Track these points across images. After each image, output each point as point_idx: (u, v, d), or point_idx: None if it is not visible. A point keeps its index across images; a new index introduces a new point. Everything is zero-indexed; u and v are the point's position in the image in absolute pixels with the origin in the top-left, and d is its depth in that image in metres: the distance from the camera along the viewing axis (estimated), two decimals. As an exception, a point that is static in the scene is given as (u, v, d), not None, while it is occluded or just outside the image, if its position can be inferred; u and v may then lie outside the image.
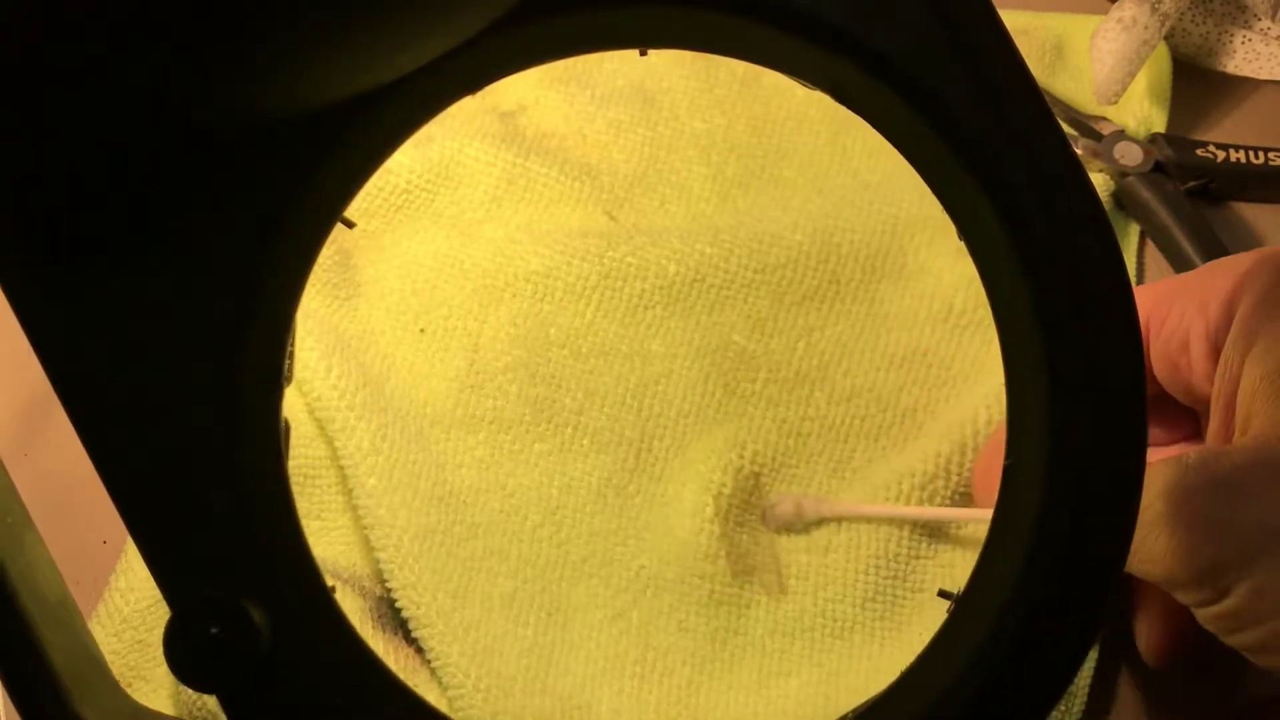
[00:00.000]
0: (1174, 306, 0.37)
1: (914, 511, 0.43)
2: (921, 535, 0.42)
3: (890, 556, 0.42)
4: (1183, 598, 0.33)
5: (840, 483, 0.45)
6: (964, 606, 0.28)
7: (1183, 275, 0.39)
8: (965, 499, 0.43)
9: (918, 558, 0.43)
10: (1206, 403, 0.37)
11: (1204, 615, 0.33)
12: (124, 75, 0.23)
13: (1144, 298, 0.38)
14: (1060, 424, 0.26)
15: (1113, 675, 0.41)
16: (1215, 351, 0.36)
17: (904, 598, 0.42)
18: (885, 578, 0.42)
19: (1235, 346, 0.35)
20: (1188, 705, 0.41)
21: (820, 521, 0.43)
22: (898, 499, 0.43)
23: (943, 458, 0.43)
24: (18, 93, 0.23)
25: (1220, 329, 0.36)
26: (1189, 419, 0.40)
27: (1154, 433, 0.41)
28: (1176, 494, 0.32)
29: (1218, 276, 0.37)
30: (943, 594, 0.31)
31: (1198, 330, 0.36)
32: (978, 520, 0.42)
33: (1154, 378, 0.39)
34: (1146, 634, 0.39)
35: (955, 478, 0.43)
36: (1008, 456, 0.28)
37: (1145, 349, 0.38)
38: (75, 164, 0.25)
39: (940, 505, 0.43)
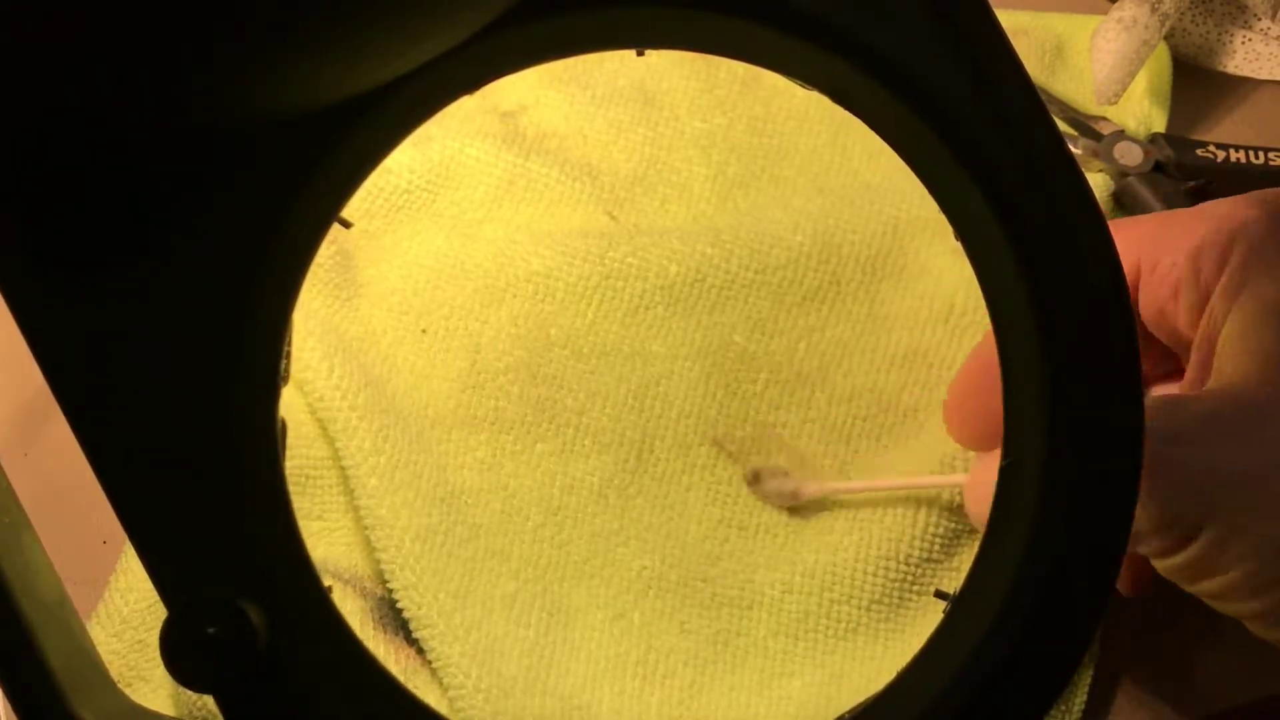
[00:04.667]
0: (1166, 250, 0.37)
1: (899, 482, 0.43)
2: (936, 538, 0.42)
3: (902, 559, 0.42)
4: (1143, 549, 0.33)
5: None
6: (961, 607, 0.28)
7: (1177, 212, 0.38)
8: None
9: (929, 560, 0.42)
10: (1190, 349, 0.37)
11: (1164, 566, 0.33)
12: (123, 76, 0.23)
13: (1134, 236, 0.37)
14: (1057, 423, 0.26)
15: (1113, 675, 0.41)
16: (1204, 300, 0.36)
17: (910, 600, 0.42)
18: (894, 580, 0.42)
19: (1223, 295, 0.35)
20: (1187, 706, 0.41)
21: (809, 503, 0.44)
22: (905, 497, 0.43)
23: (946, 457, 0.43)
24: (17, 93, 0.23)
25: (1211, 278, 0.35)
26: (1170, 358, 0.40)
27: None
28: (1145, 439, 0.32)
29: (1213, 219, 0.36)
30: (939, 594, 0.31)
31: (1188, 277, 0.36)
32: (958, 484, 0.42)
33: (1140, 319, 0.38)
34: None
35: (959, 476, 0.43)
36: (1005, 456, 0.28)
37: (1134, 290, 0.37)
38: (73, 165, 0.25)
39: (945, 505, 0.43)
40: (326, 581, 0.28)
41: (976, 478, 0.41)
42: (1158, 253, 0.37)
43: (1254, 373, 0.33)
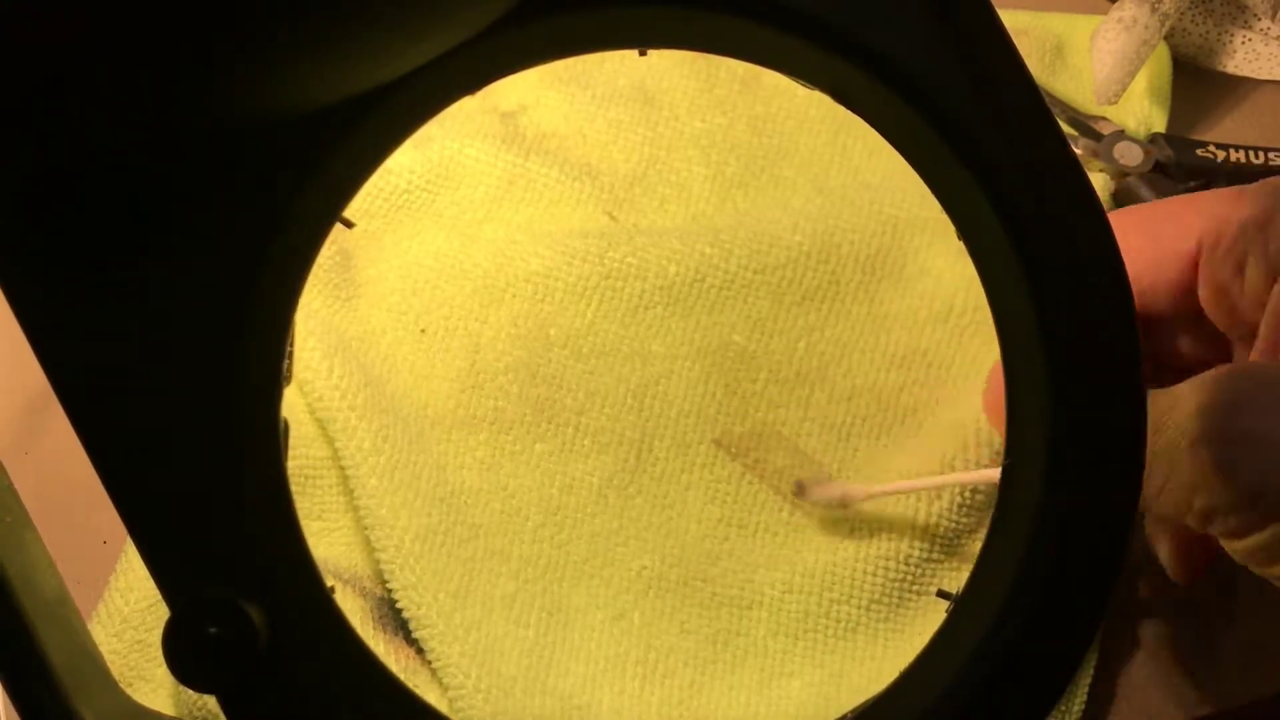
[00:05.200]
0: (1232, 224, 0.35)
1: (954, 478, 0.42)
2: (936, 538, 0.42)
3: (901, 559, 0.42)
4: (1217, 527, 0.31)
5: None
6: (963, 607, 0.28)
7: (1241, 188, 0.37)
8: (970, 496, 0.43)
9: (929, 560, 0.42)
10: (1250, 328, 0.36)
11: (1239, 547, 0.31)
12: (124, 77, 0.23)
13: (1199, 212, 0.36)
14: (1058, 423, 0.26)
15: (1113, 675, 0.41)
16: (1273, 273, 0.34)
17: (910, 600, 0.42)
18: (894, 580, 0.42)
19: None
20: (1187, 706, 0.41)
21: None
22: (905, 500, 0.43)
23: (946, 457, 0.43)
24: (17, 93, 0.23)
25: None
26: (1217, 346, 0.39)
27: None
28: (1218, 411, 0.30)
29: None
30: (941, 594, 0.31)
31: (1258, 250, 0.35)
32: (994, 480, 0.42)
33: (1181, 297, 0.37)
34: (1171, 555, 0.37)
35: (993, 472, 0.42)
36: (1007, 456, 0.28)
37: (1192, 268, 0.36)
38: (75, 165, 0.25)
39: (945, 505, 0.42)
40: (326, 581, 0.28)
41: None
42: (1222, 227, 0.36)
43: None
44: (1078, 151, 0.51)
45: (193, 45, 0.22)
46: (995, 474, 0.40)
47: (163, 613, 0.26)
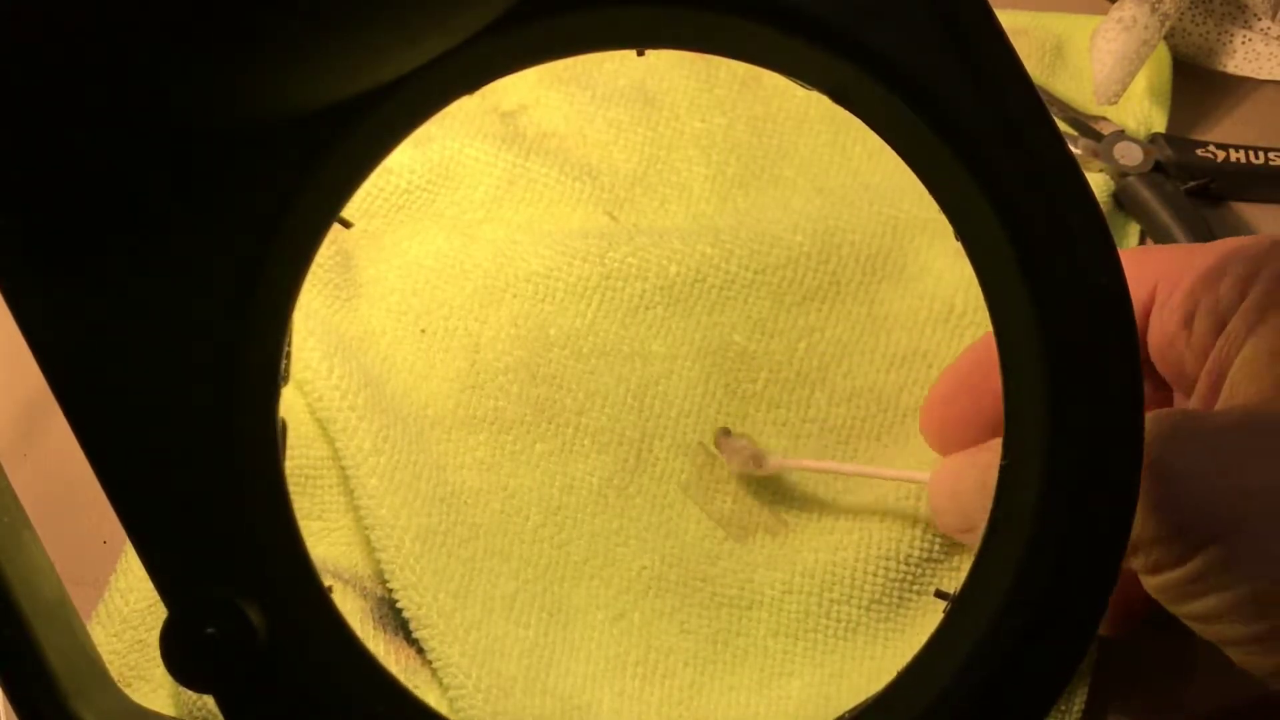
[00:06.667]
0: (1183, 278, 0.36)
1: (859, 469, 0.43)
2: (936, 538, 0.42)
3: (902, 558, 0.42)
4: (1136, 562, 0.32)
5: (843, 482, 0.45)
6: (961, 606, 0.28)
7: (1195, 246, 0.38)
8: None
9: (930, 559, 0.42)
10: (1193, 381, 0.36)
11: (1157, 581, 0.32)
12: (123, 75, 0.23)
13: (1152, 264, 0.37)
14: (1057, 423, 0.26)
15: (1113, 675, 0.41)
16: (1219, 327, 0.35)
17: (910, 600, 0.42)
18: (894, 579, 0.42)
19: (1243, 318, 0.34)
20: (1187, 705, 0.41)
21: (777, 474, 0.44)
22: (905, 499, 0.43)
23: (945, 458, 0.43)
24: (16, 92, 0.23)
25: (1230, 304, 0.35)
26: (1162, 395, 0.40)
27: None
28: (1151, 448, 0.31)
29: (1236, 249, 0.36)
30: (939, 594, 0.31)
31: (1206, 305, 0.35)
32: (919, 481, 0.42)
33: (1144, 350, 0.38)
34: None
35: (923, 474, 0.43)
36: (1005, 456, 0.28)
37: (1145, 319, 0.37)
38: (73, 164, 0.25)
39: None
40: (326, 581, 0.28)
41: (939, 475, 0.41)
42: (1175, 280, 0.36)
43: (1273, 395, 0.32)
44: (1078, 151, 0.51)
45: (193, 45, 0.22)
46: (924, 476, 0.41)
47: (162, 613, 0.26)
